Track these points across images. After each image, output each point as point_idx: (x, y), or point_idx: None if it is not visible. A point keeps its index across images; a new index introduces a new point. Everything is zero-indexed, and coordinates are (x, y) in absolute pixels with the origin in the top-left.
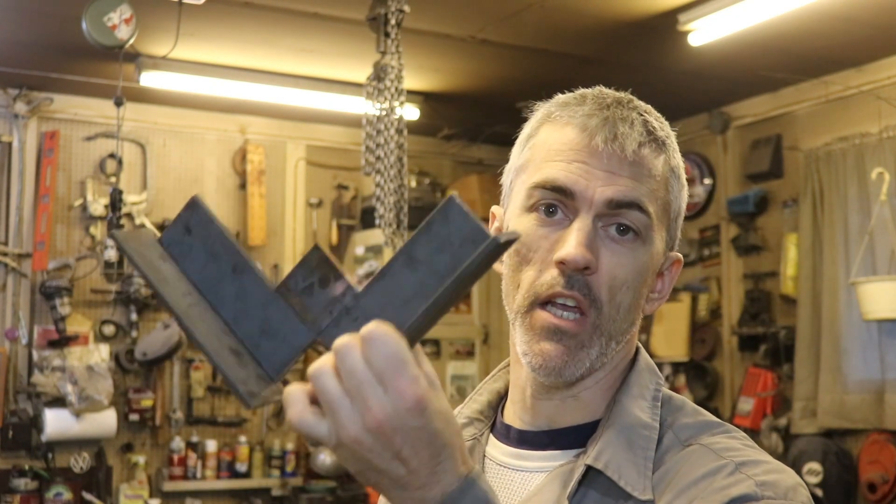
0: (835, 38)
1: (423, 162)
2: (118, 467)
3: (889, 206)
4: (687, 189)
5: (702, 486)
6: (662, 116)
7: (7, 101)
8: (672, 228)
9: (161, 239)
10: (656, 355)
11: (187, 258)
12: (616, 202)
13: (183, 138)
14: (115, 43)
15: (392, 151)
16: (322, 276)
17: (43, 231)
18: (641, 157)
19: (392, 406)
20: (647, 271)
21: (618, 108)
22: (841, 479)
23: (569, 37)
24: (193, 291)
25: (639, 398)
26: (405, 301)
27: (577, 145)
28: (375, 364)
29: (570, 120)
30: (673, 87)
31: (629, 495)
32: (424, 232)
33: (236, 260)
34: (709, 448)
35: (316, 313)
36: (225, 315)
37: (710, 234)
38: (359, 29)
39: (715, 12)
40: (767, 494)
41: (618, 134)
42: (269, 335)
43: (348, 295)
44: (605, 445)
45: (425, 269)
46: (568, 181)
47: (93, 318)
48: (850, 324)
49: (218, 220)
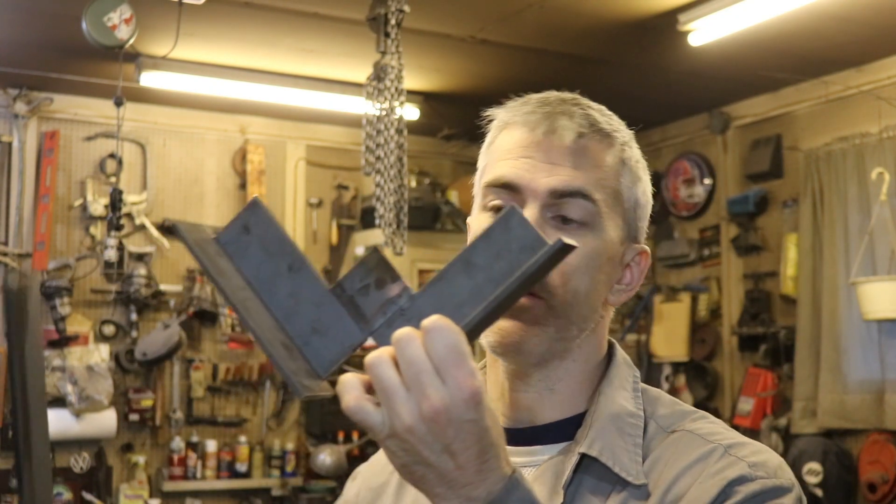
0: (835, 38)
1: (423, 162)
2: (118, 467)
3: (889, 206)
4: (646, 184)
5: (695, 470)
6: (616, 115)
7: (7, 101)
8: (630, 220)
9: (218, 237)
10: (656, 355)
11: (244, 256)
12: (559, 192)
13: (183, 138)
14: (115, 43)
15: (392, 151)
16: (379, 278)
17: (43, 231)
18: (584, 148)
19: (450, 396)
20: (599, 257)
21: (560, 104)
22: (841, 479)
23: (568, 37)
24: (248, 287)
25: (621, 389)
26: (459, 304)
27: (522, 142)
28: (435, 354)
29: (517, 120)
30: (673, 87)
31: (624, 482)
32: (484, 238)
33: (292, 259)
34: (694, 433)
35: (370, 314)
36: (277, 312)
37: (710, 234)
38: (359, 29)
39: (715, 12)
40: (759, 475)
41: (557, 126)
42: (321, 333)
43: (404, 296)
44: (597, 434)
45: (483, 274)
46: (513, 176)
47: (93, 318)
48: (850, 324)
49: (276, 221)
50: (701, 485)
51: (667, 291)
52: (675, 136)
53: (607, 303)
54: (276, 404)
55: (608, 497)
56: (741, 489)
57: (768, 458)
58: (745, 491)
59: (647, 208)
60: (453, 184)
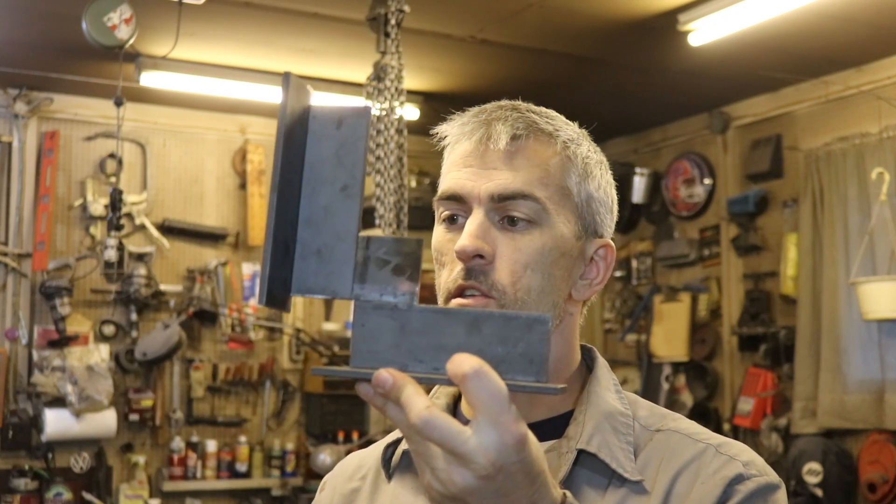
0: (835, 38)
1: (423, 162)
2: (118, 467)
3: (889, 206)
4: (601, 179)
5: (692, 469)
6: (561, 116)
7: (7, 101)
8: (584, 214)
9: (312, 109)
10: (656, 355)
11: (318, 143)
12: (499, 195)
13: (183, 138)
14: (115, 43)
15: (392, 151)
16: (401, 265)
17: (43, 231)
18: (521, 149)
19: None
20: (551, 253)
21: (496, 110)
22: (841, 479)
23: (568, 37)
24: (299, 171)
25: (608, 390)
26: (443, 348)
27: (464, 153)
28: (480, 402)
29: (456, 132)
30: (673, 87)
31: (620, 478)
32: (506, 316)
33: (351, 183)
34: (681, 433)
35: (368, 284)
36: (303, 212)
37: (710, 234)
38: (359, 29)
39: (715, 12)
40: (753, 473)
41: (491, 132)
42: (321, 260)
43: (406, 298)
44: (593, 430)
45: (478, 343)
46: (456, 186)
47: (93, 318)
48: (850, 324)
49: (366, 139)
50: (703, 486)
51: (667, 291)
52: (675, 136)
53: (572, 298)
54: (276, 404)
55: (605, 492)
56: (741, 488)
57: (754, 455)
58: (745, 490)
59: (605, 203)
60: None
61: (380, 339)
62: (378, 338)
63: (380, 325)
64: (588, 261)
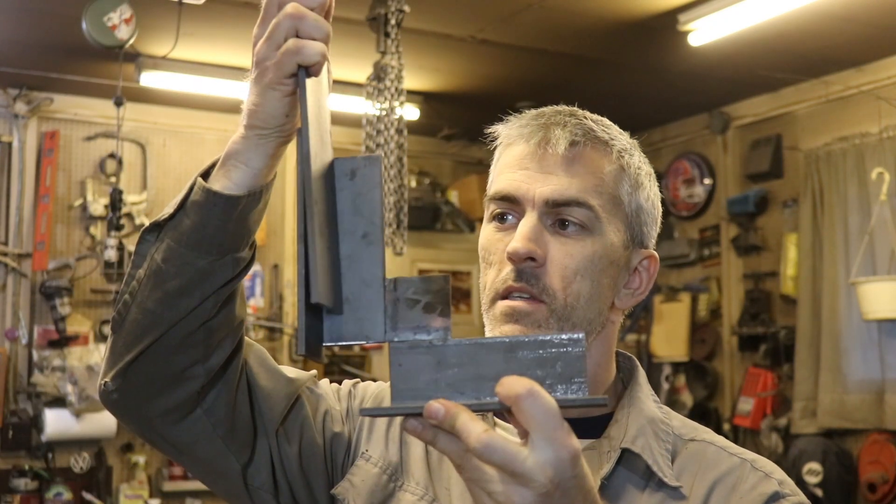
0: (835, 38)
1: (423, 162)
2: (118, 467)
3: (889, 206)
4: (650, 191)
5: (728, 482)
6: (616, 125)
7: (7, 101)
8: (633, 225)
9: (334, 162)
10: (656, 355)
11: (335, 196)
12: (553, 201)
13: (183, 138)
14: (115, 43)
15: (392, 151)
16: (431, 303)
17: (43, 231)
18: (578, 155)
19: (557, 458)
20: (601, 260)
21: (554, 115)
22: (841, 479)
23: (568, 37)
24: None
25: (648, 397)
26: (483, 378)
27: (520, 155)
28: (534, 421)
29: (513, 134)
30: (673, 87)
31: (659, 482)
32: (541, 342)
33: (372, 230)
34: (715, 444)
35: (401, 325)
36: None
37: (710, 234)
38: (359, 29)
39: (715, 12)
40: (786, 492)
41: (550, 136)
42: (351, 308)
43: (440, 334)
44: (637, 432)
45: (516, 368)
46: (510, 188)
47: (93, 318)
48: (850, 324)
49: (381, 186)
50: (741, 499)
51: (667, 291)
52: (675, 136)
53: (615, 306)
54: None
55: (643, 493)
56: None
57: (784, 475)
58: None
59: (652, 214)
60: (453, 184)
61: (419, 377)
62: (417, 375)
63: (417, 362)
64: (632, 271)
